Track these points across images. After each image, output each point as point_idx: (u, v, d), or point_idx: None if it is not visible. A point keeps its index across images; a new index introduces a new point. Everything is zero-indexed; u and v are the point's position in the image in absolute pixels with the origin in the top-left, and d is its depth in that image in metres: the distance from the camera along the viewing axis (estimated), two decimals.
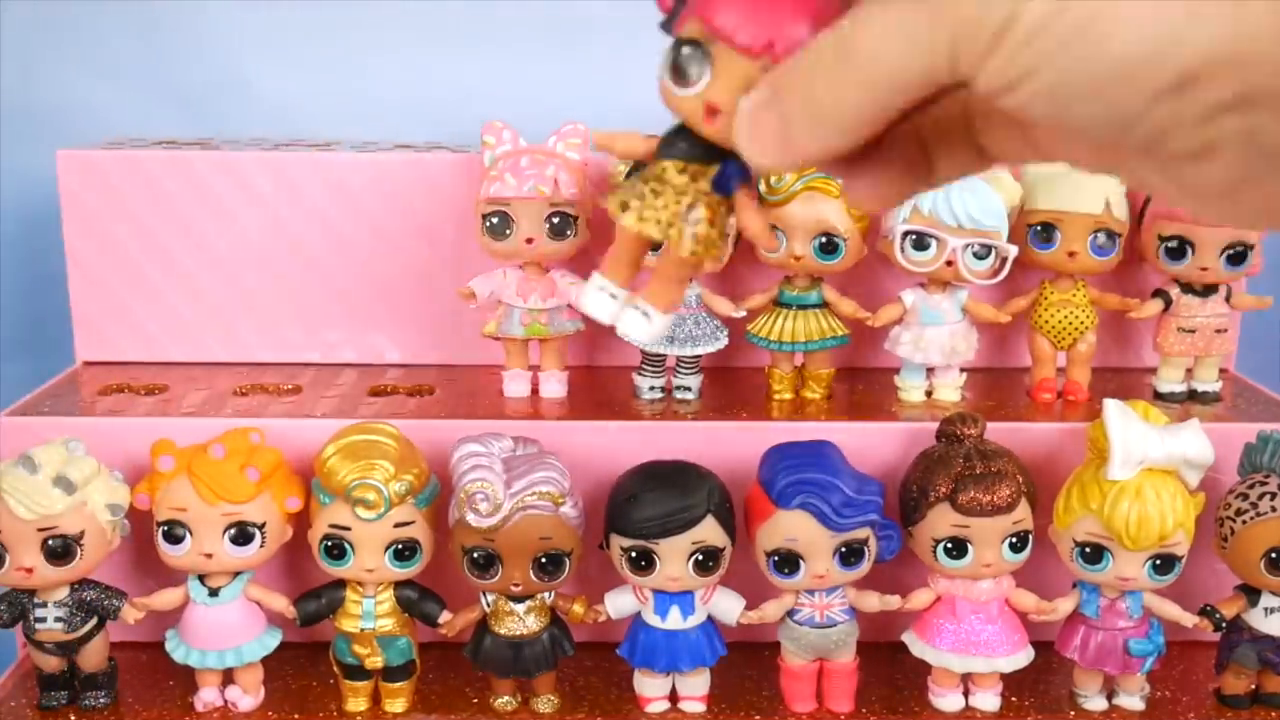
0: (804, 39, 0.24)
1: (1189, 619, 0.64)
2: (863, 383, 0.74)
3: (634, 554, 0.59)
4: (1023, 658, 0.63)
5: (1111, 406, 0.61)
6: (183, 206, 0.73)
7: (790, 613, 0.62)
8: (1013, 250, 0.66)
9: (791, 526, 0.59)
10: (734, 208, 0.28)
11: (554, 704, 0.63)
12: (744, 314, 0.70)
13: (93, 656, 0.62)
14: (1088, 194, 0.68)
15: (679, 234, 0.28)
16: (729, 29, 0.25)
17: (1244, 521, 0.61)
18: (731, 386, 0.73)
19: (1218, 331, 0.71)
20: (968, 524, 0.60)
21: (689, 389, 0.71)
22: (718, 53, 0.26)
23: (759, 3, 0.25)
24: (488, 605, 0.61)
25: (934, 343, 0.69)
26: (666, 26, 0.27)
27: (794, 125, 0.24)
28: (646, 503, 0.59)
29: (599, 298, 0.30)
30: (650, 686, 0.64)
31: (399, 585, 0.61)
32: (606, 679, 0.66)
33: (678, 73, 0.26)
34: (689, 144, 0.27)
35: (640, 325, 0.29)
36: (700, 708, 0.64)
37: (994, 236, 0.66)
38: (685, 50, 0.26)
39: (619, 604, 0.63)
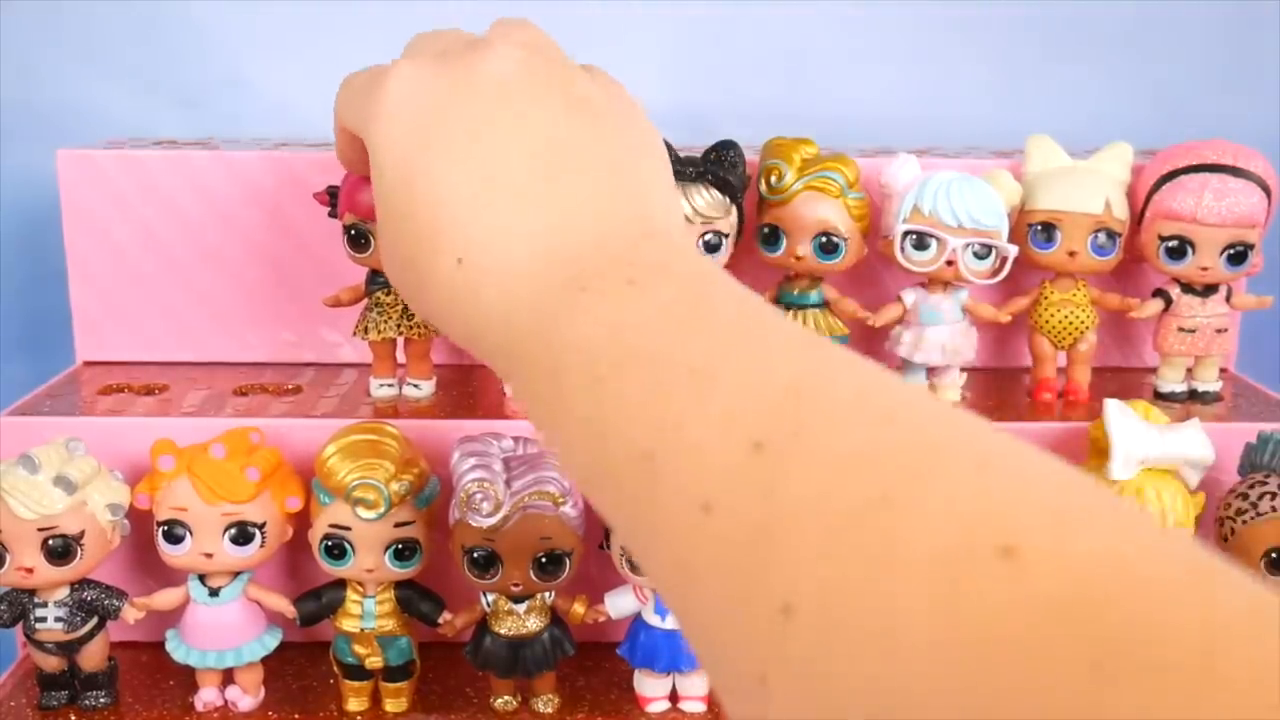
0: None
1: None
2: None
3: None
4: None
5: (1112, 406, 0.61)
6: (183, 206, 0.73)
7: None
8: (1013, 250, 0.66)
9: None
10: None
11: (554, 704, 0.63)
12: None
13: (93, 656, 0.62)
14: (1088, 194, 0.68)
15: None
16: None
17: (1244, 521, 0.61)
18: None
19: (1218, 331, 0.71)
20: None
21: None
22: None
23: None
24: (488, 605, 0.61)
25: (934, 342, 0.69)
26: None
27: None
28: None
29: None
30: (650, 686, 0.64)
31: (399, 585, 0.61)
32: (606, 679, 0.66)
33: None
34: None
35: None
36: (701, 708, 0.64)
37: (994, 236, 0.66)
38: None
39: (619, 604, 0.63)
